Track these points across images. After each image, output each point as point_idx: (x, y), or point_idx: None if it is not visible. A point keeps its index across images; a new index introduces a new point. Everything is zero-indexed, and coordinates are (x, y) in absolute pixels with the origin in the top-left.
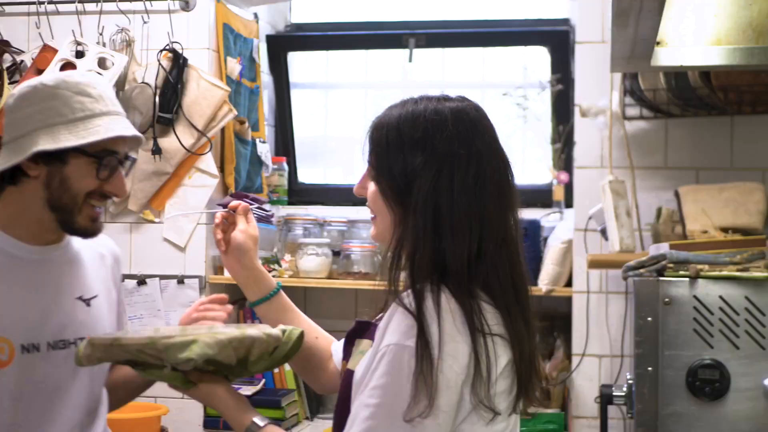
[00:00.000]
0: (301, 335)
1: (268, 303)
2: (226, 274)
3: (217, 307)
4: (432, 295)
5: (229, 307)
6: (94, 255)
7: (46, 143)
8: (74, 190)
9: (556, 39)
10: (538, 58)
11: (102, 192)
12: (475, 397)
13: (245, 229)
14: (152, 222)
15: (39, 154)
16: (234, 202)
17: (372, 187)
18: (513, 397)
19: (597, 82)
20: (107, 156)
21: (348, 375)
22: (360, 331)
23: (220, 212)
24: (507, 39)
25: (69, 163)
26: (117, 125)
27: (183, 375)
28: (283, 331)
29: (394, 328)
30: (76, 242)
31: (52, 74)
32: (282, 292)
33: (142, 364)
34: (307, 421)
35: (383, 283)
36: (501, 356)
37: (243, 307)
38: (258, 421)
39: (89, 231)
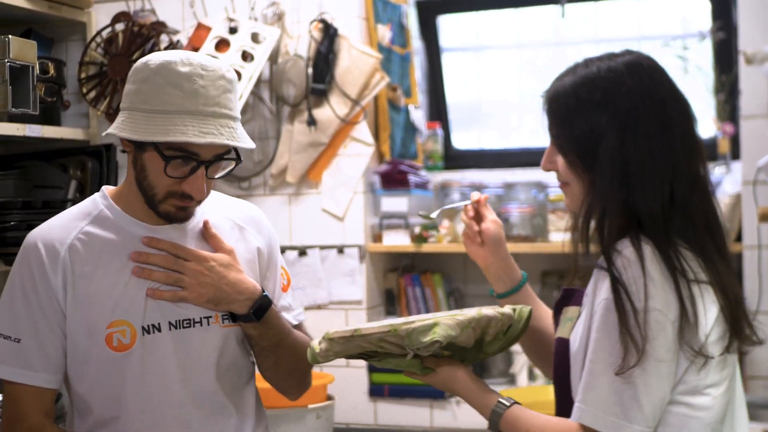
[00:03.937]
0: (530, 313)
1: (516, 294)
2: (385, 242)
3: None
4: (633, 249)
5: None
6: (230, 227)
7: (123, 126)
8: (150, 179)
9: None
10: (696, 6)
11: (182, 192)
12: (686, 344)
13: (495, 219)
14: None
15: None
16: (475, 194)
17: (560, 160)
18: (726, 342)
19: (762, 27)
20: (178, 157)
21: (559, 343)
22: (567, 299)
23: (470, 204)
24: None
25: (146, 152)
26: (194, 129)
27: (421, 362)
28: (514, 310)
29: (603, 285)
30: (206, 216)
31: (163, 54)
32: (527, 282)
33: (379, 355)
34: None
35: (571, 247)
36: (710, 306)
37: (403, 274)
38: (504, 401)
39: (174, 218)
